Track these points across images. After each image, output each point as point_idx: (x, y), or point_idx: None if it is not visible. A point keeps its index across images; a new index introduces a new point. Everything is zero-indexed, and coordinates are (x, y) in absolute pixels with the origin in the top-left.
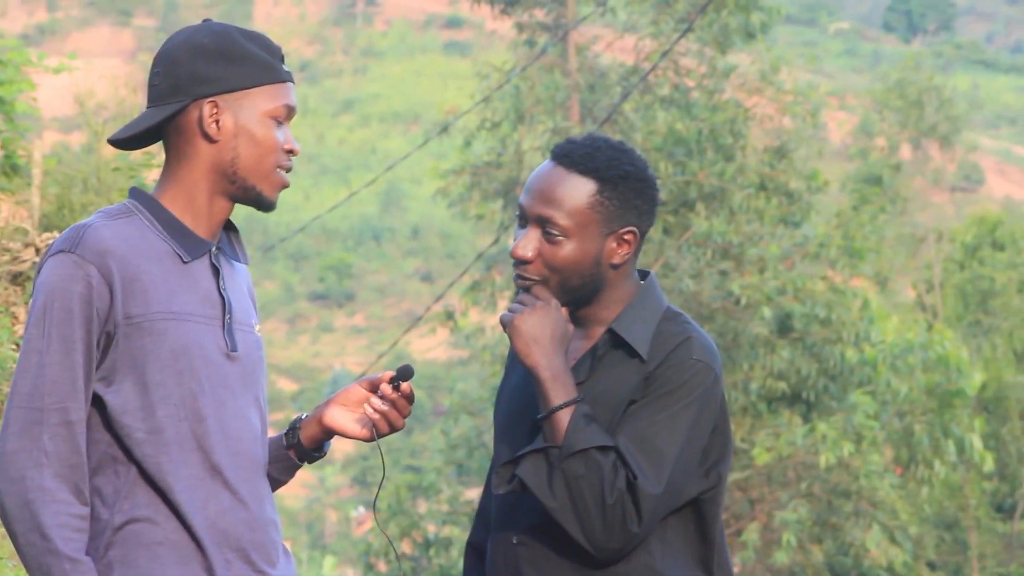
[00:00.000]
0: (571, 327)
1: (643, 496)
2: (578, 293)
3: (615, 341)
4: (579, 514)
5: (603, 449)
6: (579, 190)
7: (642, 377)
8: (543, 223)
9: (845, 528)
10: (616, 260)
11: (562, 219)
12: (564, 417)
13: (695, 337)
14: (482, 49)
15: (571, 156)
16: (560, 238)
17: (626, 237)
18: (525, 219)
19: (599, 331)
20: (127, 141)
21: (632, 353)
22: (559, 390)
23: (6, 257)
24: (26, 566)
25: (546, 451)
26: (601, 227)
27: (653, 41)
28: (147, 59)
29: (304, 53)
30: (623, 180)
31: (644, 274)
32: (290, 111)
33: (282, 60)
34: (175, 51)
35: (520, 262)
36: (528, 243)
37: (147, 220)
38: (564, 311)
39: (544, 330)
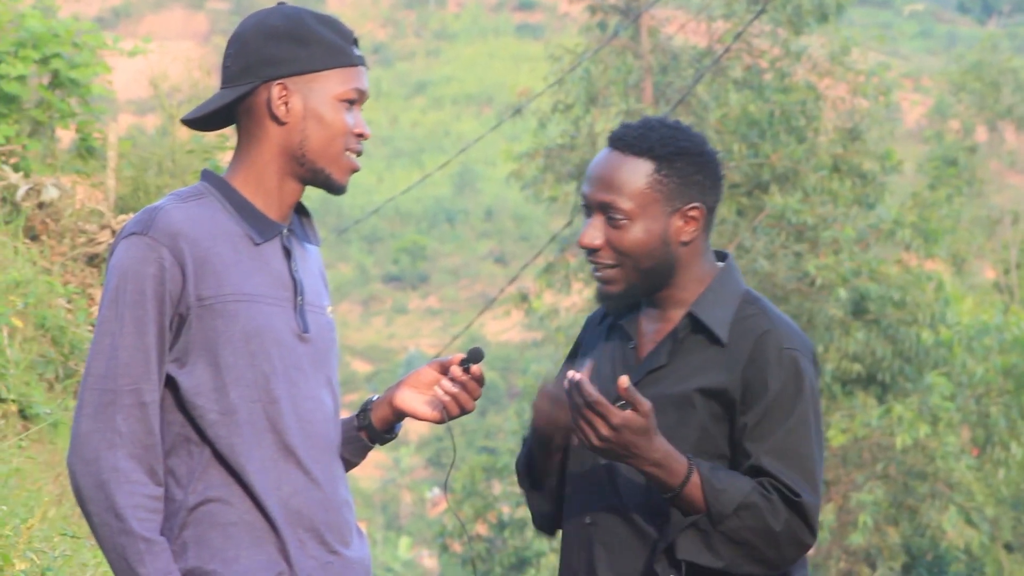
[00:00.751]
0: (630, 414)
1: (808, 509)
2: (654, 275)
3: (695, 325)
4: (753, 557)
5: (748, 493)
6: (636, 171)
7: (725, 366)
8: (606, 209)
9: (921, 510)
10: (685, 238)
11: (624, 203)
12: (694, 489)
13: (778, 327)
14: (554, 31)
15: (625, 139)
16: (624, 221)
17: (691, 214)
18: (589, 208)
19: (677, 313)
20: (200, 122)
21: (712, 338)
22: (672, 469)
23: (82, 239)
24: (101, 546)
25: (693, 524)
26: (664, 205)
27: (726, 22)
28: (220, 42)
29: (377, 36)
30: (679, 156)
31: (722, 256)
32: (361, 95)
33: (355, 44)
34: (247, 33)
35: (589, 251)
36: (594, 231)
37: (219, 202)
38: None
39: (624, 438)
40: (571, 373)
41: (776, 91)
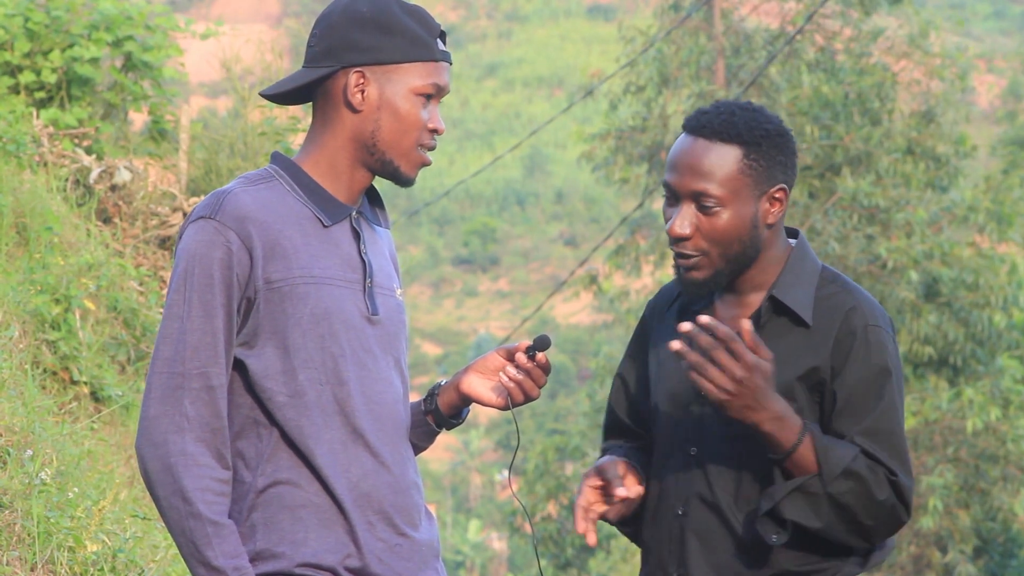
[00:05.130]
0: (764, 366)
1: (904, 490)
2: (740, 260)
3: (777, 308)
4: (852, 523)
5: (855, 457)
6: (726, 157)
7: (813, 348)
8: (697, 197)
9: (993, 493)
10: (770, 220)
11: (716, 189)
12: (807, 450)
13: (861, 304)
14: (627, 13)
15: (710, 126)
16: (716, 208)
17: (777, 195)
18: (676, 196)
19: (756, 297)
20: (279, 96)
21: (796, 319)
22: (790, 424)
23: (154, 221)
24: (169, 529)
25: (800, 486)
26: (753, 190)
27: (798, 3)
28: (292, 24)
29: (448, 18)
30: (765, 139)
31: (792, 233)
32: (439, 90)
33: (442, 39)
34: (334, 15)
35: (679, 239)
36: (684, 220)
37: (287, 185)
38: (747, 324)
39: (756, 381)
40: (700, 318)
41: (851, 73)
